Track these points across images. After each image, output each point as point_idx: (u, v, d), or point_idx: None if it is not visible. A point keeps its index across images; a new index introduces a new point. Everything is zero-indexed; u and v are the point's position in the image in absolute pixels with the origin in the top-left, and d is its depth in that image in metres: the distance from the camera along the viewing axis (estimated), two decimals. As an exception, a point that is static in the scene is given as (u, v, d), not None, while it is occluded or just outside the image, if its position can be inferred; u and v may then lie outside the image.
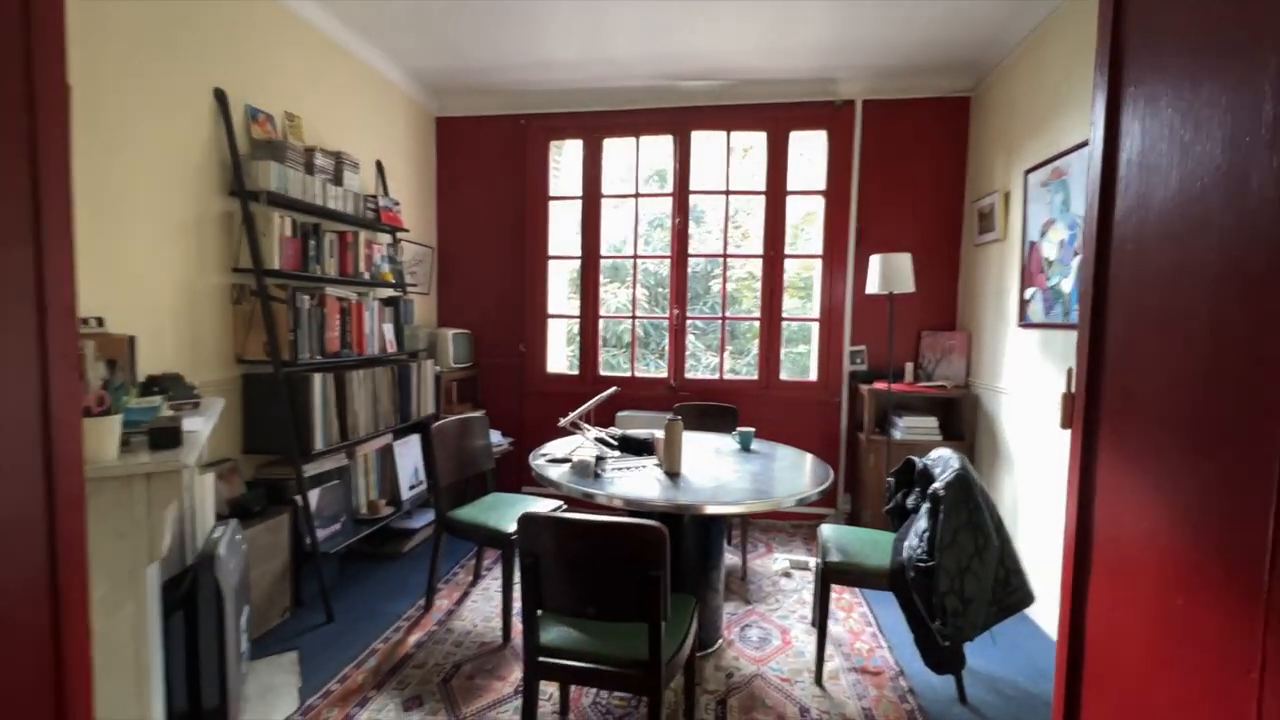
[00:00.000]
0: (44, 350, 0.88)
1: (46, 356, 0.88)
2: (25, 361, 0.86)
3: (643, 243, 4.22)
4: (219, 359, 2.44)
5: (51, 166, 0.89)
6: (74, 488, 0.93)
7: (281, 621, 2.47)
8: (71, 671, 0.94)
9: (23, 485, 0.86)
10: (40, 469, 0.88)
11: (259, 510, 2.38)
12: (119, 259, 2.02)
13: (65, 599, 0.91)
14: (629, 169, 3.92)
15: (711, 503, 1.87)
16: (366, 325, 2.99)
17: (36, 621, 0.88)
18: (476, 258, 4.10)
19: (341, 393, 2.72)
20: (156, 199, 2.15)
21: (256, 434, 2.54)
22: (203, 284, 2.35)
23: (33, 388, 0.87)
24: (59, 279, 0.91)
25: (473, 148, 4.05)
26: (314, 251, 2.68)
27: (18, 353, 0.85)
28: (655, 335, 5.48)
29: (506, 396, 4.09)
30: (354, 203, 2.97)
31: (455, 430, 2.66)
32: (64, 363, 0.92)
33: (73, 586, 0.92)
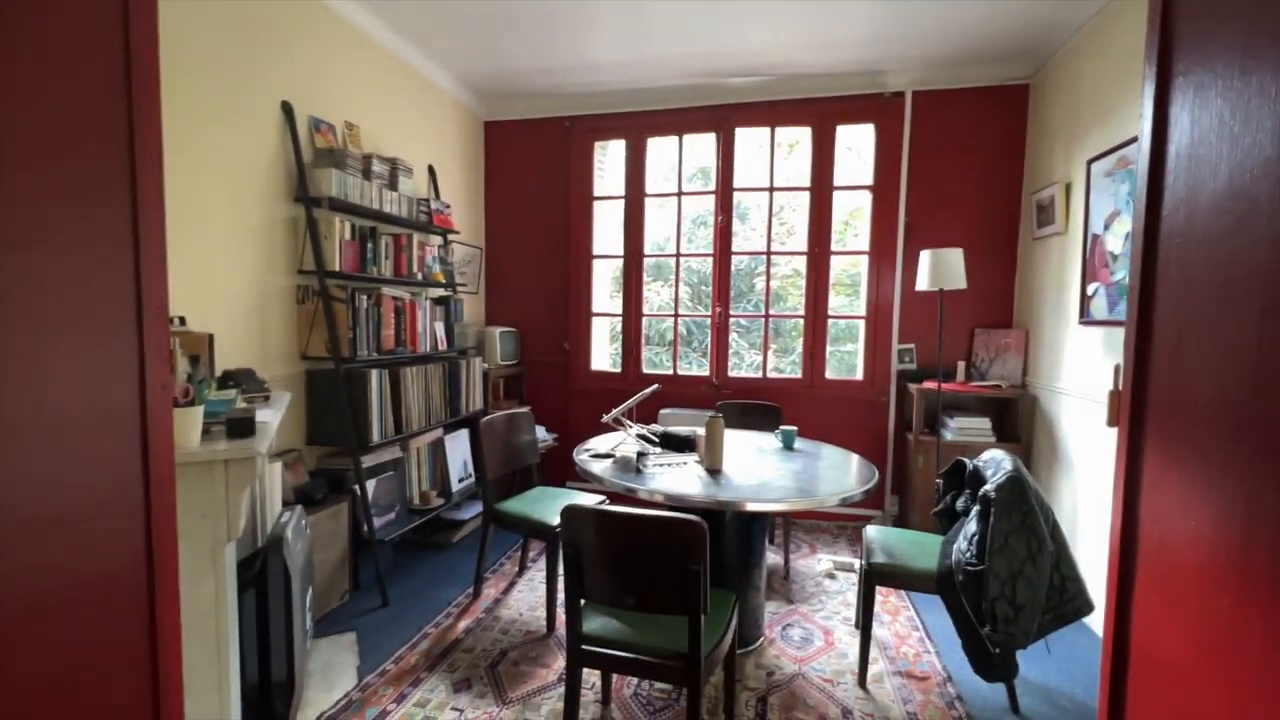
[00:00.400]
0: (141, 345, 0.98)
1: (143, 351, 0.98)
2: (127, 355, 0.96)
3: (685, 241, 4.23)
4: (285, 355, 2.60)
5: (147, 179, 0.99)
6: (166, 470, 1.02)
7: (341, 604, 2.62)
8: (165, 631, 1.04)
9: (125, 467, 0.95)
10: (139, 452, 0.98)
11: (321, 498, 2.53)
12: (197, 262, 2.18)
13: (159, 567, 1.01)
14: (671, 168, 3.93)
15: (753, 500, 1.87)
16: (419, 324, 3.12)
17: (136, 587, 0.98)
18: (523, 258, 4.20)
19: (396, 388, 2.85)
20: (229, 206, 2.31)
21: (319, 426, 2.69)
22: (271, 285, 2.51)
23: (132, 379, 0.97)
24: (153, 280, 1.00)
25: (519, 151, 4.16)
26: (371, 253, 2.82)
27: (121, 347, 0.95)
28: (698, 333, 5.48)
29: (551, 393, 4.18)
30: (408, 206, 3.10)
31: (502, 425, 2.75)
32: (158, 357, 1.02)
33: (165, 556, 1.02)
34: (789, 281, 5.22)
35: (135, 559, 0.97)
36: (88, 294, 0.90)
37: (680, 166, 3.87)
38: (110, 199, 0.93)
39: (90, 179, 0.91)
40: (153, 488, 0.99)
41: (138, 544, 0.97)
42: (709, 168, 3.92)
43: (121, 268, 0.94)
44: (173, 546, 1.05)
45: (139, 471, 0.97)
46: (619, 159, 4.05)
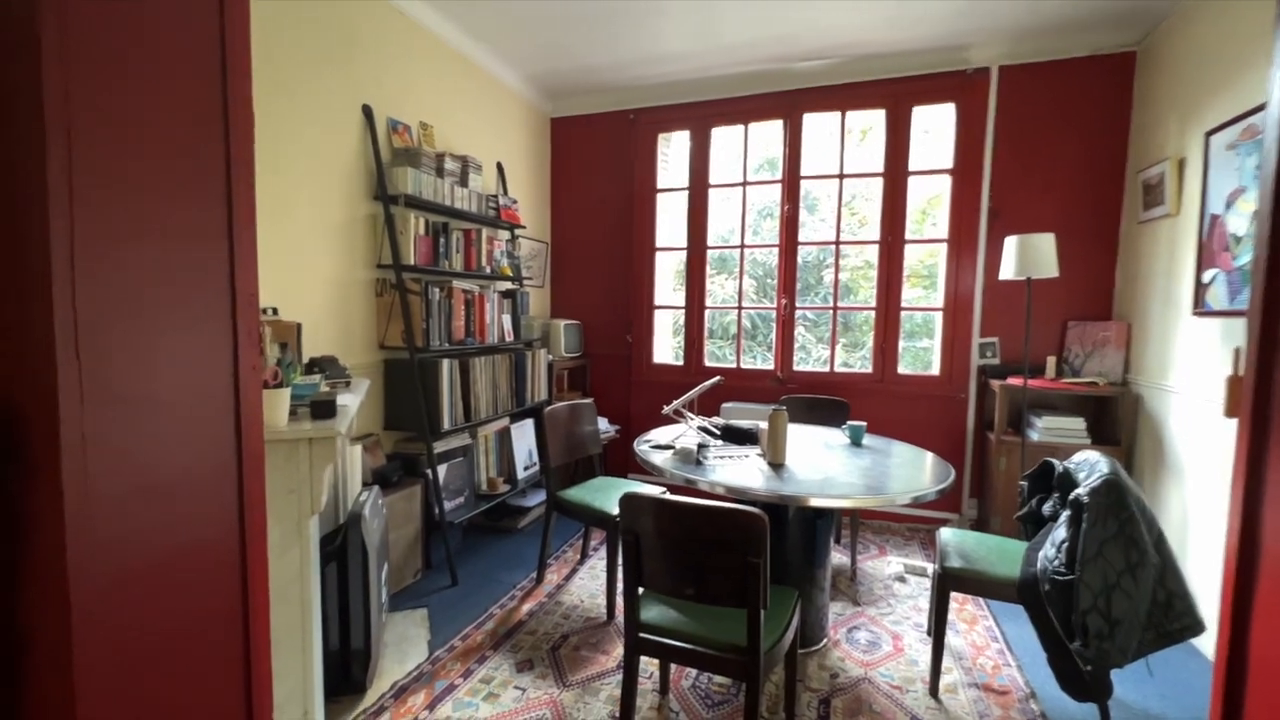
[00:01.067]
0: (235, 331, 1.06)
1: (236, 336, 1.06)
2: (223, 340, 1.04)
3: (750, 233, 4.14)
4: (365, 345, 2.76)
5: (241, 178, 1.07)
6: (256, 445, 1.11)
7: (414, 581, 2.75)
8: (255, 594, 1.12)
9: (221, 441, 1.04)
10: (233, 429, 1.06)
11: (396, 480, 2.67)
12: (286, 257, 2.35)
13: (250, 534, 1.10)
14: (737, 158, 3.86)
15: (817, 495, 1.81)
16: (488, 316, 3.23)
17: (230, 552, 1.06)
18: (587, 251, 4.26)
19: (466, 377, 2.97)
20: (316, 204, 2.47)
21: (395, 412, 2.84)
22: (352, 278, 2.67)
23: (227, 361, 1.05)
24: (246, 271, 1.08)
25: (584, 146, 4.21)
26: (443, 248, 2.94)
27: (217, 332, 1.03)
28: (763, 327, 5.37)
29: (614, 386, 4.22)
30: (477, 202, 3.21)
31: (565, 415, 2.80)
32: (249, 341, 1.09)
33: (255, 525, 1.10)
34: (859, 273, 5.01)
35: (229, 526, 1.05)
36: (189, 282, 0.98)
37: (745, 156, 3.80)
38: (209, 196, 1.01)
39: (194, 177, 0.98)
40: (245, 461, 1.07)
41: (232, 513, 1.05)
42: (775, 157, 3.82)
43: (218, 259, 1.02)
44: (262, 516, 1.14)
45: (233, 446, 1.05)
46: (683, 150, 4.02)
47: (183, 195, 0.98)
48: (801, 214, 3.73)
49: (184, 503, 0.99)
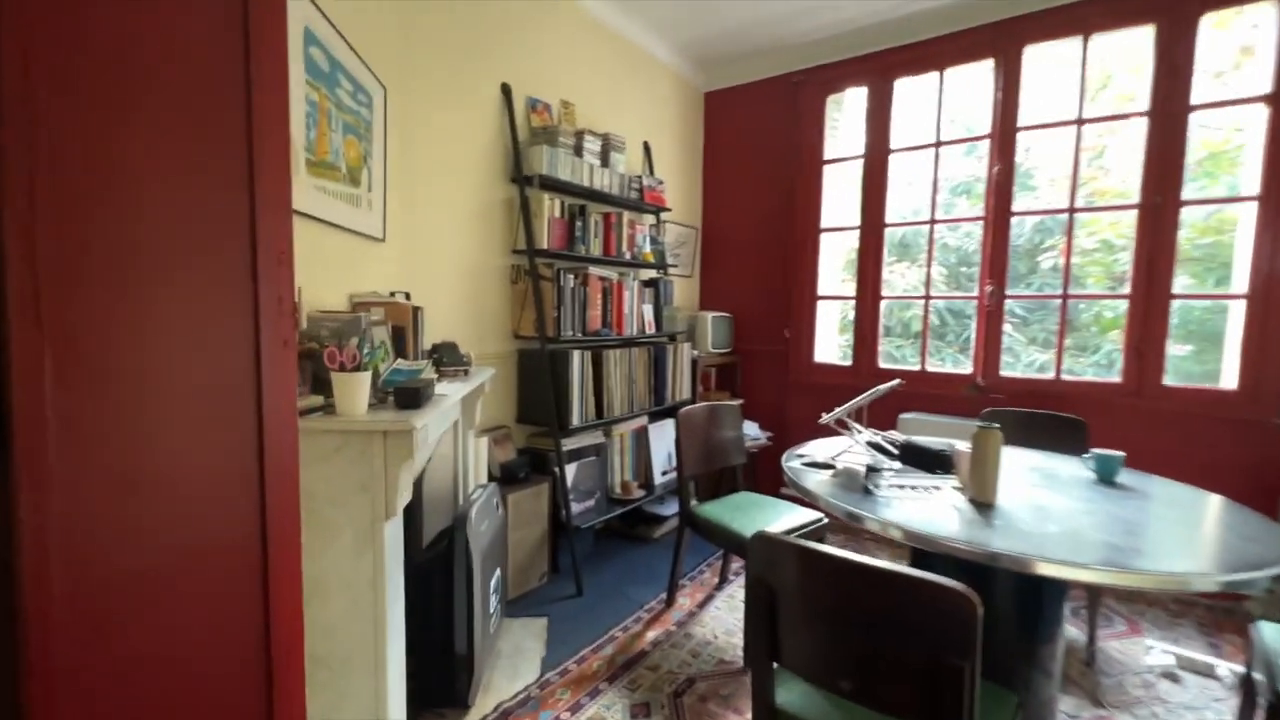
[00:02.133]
0: (256, 296, 0.86)
1: (258, 302, 0.86)
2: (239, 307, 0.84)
3: (942, 211, 3.38)
4: (499, 334, 2.66)
5: (266, 103, 0.86)
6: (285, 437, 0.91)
7: (539, 585, 2.59)
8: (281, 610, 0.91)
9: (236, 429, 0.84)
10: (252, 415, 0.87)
11: (524, 477, 2.52)
12: (420, 242, 2.30)
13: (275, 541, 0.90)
14: (924, 118, 3.15)
15: (1050, 560, 1.22)
16: (626, 305, 2.98)
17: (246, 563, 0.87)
18: (741, 236, 3.83)
19: (598, 370, 2.74)
20: (451, 188, 2.40)
21: (527, 405, 2.71)
22: (488, 264, 2.58)
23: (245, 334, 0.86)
24: (273, 222, 0.87)
25: (740, 119, 3.78)
26: (579, 232, 2.74)
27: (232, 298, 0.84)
28: (956, 323, 4.45)
29: (767, 387, 3.74)
30: (619, 183, 2.98)
31: (703, 417, 2.43)
32: (277, 310, 0.89)
33: (283, 530, 0.89)
34: (1091, 258, 3.89)
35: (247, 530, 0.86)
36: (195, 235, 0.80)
37: (940, 108, 3.08)
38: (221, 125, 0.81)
39: (199, 99, 0.79)
40: (268, 453, 0.87)
41: (250, 514, 0.86)
42: (977, 114, 3.04)
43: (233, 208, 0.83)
44: (294, 520, 0.94)
45: (253, 434, 0.86)
46: (856, 113, 3.41)
47: (184, 121, 0.80)
48: (1013, 185, 2.91)
49: (183, 501, 0.81)
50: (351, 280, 1.79)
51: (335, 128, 1.58)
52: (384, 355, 1.38)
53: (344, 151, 1.65)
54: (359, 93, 1.74)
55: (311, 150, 1.45)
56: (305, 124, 1.41)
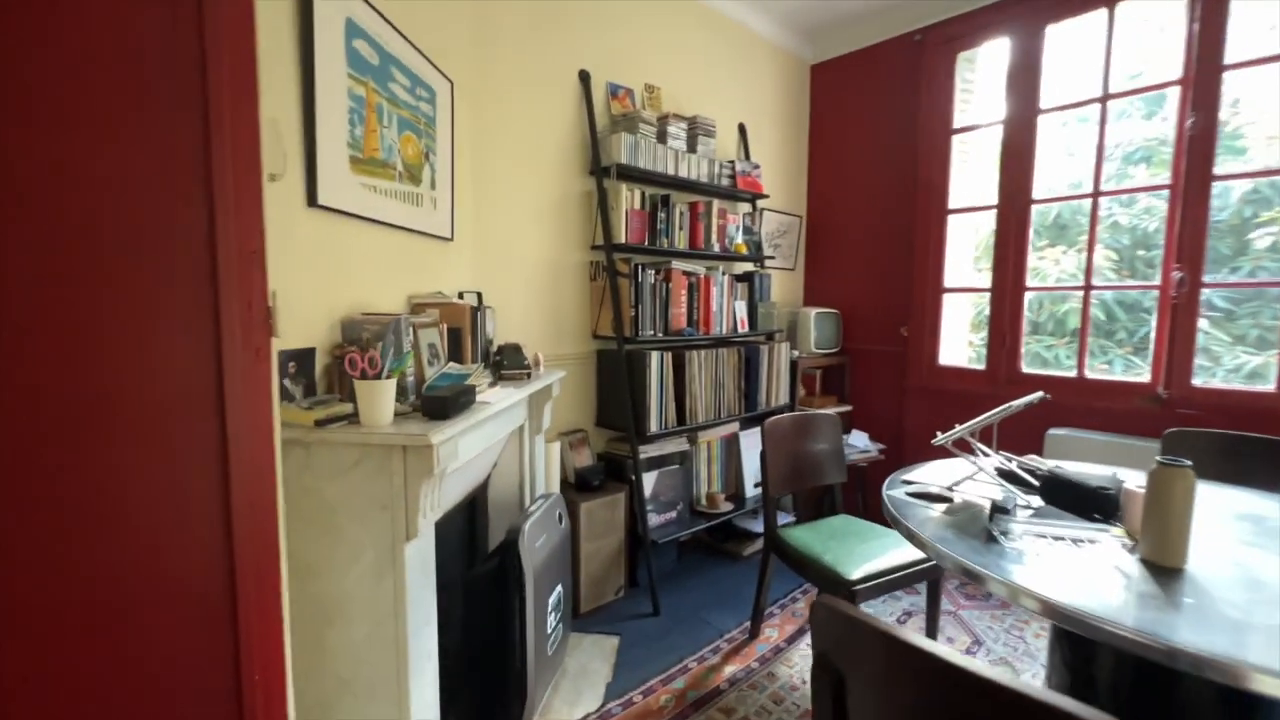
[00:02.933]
0: (216, 299, 0.76)
1: (219, 306, 0.77)
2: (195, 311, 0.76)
3: (1112, 185, 2.74)
4: (578, 333, 2.55)
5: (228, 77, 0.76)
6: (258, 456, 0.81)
7: (614, 599, 2.45)
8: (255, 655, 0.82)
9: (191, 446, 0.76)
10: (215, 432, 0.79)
11: (598, 484, 2.39)
12: (497, 241, 2.23)
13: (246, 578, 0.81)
14: (1087, 69, 2.56)
15: (1271, 672, 0.83)
16: (714, 302, 2.74)
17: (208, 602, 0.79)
18: (852, 223, 3.42)
19: (680, 374, 2.54)
20: (526, 183, 2.31)
21: (606, 409, 2.58)
22: (565, 261, 2.47)
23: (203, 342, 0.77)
24: (240, 217, 0.78)
25: (853, 91, 3.37)
26: (662, 224, 2.55)
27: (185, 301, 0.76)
28: (1129, 319, 3.65)
29: (881, 392, 3.31)
30: (708, 169, 2.74)
31: (789, 429, 2.14)
32: (247, 315, 0.79)
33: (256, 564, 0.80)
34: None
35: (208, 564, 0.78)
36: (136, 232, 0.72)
37: (1109, 53, 2.48)
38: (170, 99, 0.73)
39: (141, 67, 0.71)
40: (235, 474, 0.78)
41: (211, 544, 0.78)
42: (1159, 60, 2.41)
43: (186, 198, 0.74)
44: (273, 552, 0.85)
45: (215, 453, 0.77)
46: (994, 71, 2.88)
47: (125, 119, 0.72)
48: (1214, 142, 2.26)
49: (130, 533, 0.74)
50: (416, 281, 1.75)
51: (388, 124, 1.53)
52: (408, 361, 1.28)
53: (400, 148, 1.60)
54: (418, 87, 1.69)
55: (357, 147, 1.40)
56: (348, 120, 1.36)
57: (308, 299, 1.27)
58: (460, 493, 1.60)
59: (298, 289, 1.23)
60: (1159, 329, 2.41)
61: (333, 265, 1.34)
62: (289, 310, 1.20)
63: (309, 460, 1.12)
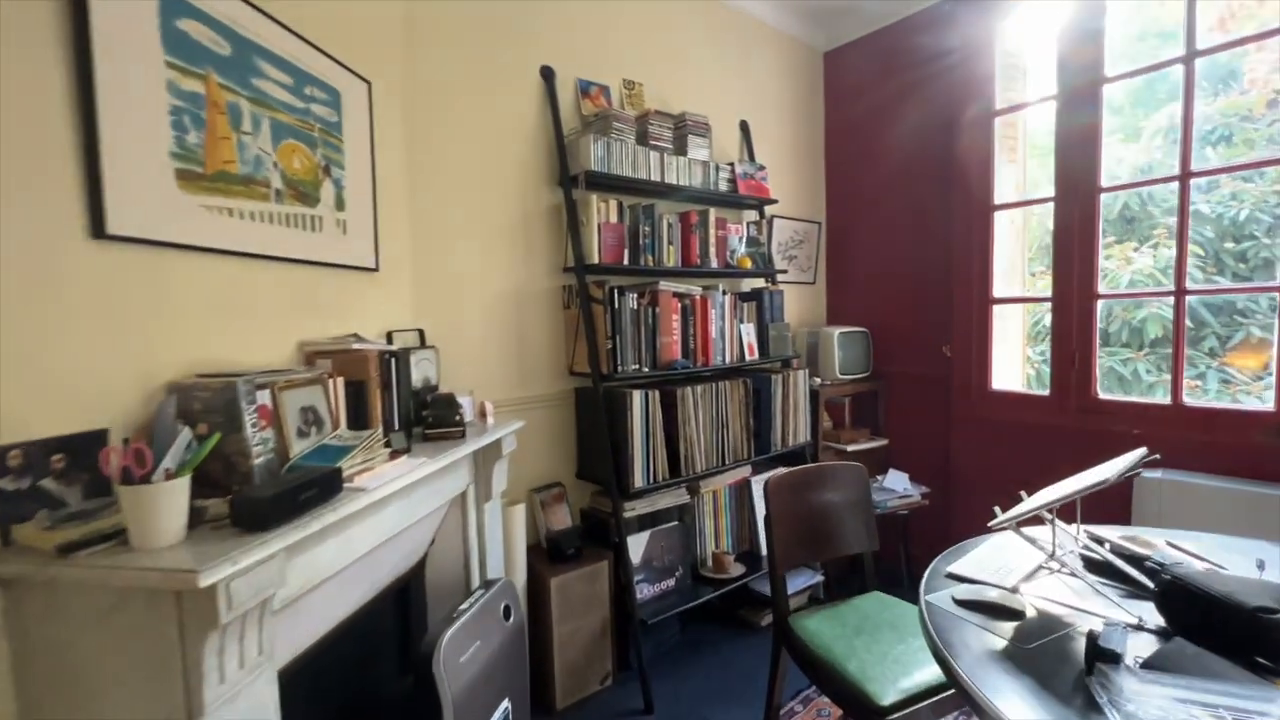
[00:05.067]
0: None
1: None
2: None
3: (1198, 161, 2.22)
4: (552, 370, 2.18)
5: None
6: None
7: (600, 689, 2.04)
8: None
9: None
10: None
11: (574, 552, 1.99)
12: (442, 268, 1.89)
13: None
14: (1165, 20, 2.08)
15: None
16: (713, 326, 2.33)
17: None
18: (879, 228, 2.96)
19: (671, 415, 2.13)
20: (480, 199, 1.97)
21: (586, 458, 2.19)
22: (532, 287, 2.11)
23: None
24: None
25: (874, 78, 2.93)
26: (646, 239, 2.17)
27: None
28: (1220, 326, 3.04)
29: (923, 422, 2.81)
30: (701, 174, 2.35)
31: (800, 485, 1.70)
32: None
33: None
34: None
35: None
36: None
37: (1192, 7, 1.99)
38: None
39: None
40: None
41: None
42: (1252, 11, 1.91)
43: None
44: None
45: None
46: (1043, 38, 2.41)
47: None
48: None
49: None
50: (320, 324, 1.41)
51: (252, 130, 1.20)
52: (309, 426, 0.93)
53: (279, 161, 1.27)
54: (310, 86, 1.37)
55: (193, 158, 1.07)
56: (171, 123, 1.03)
57: (101, 360, 0.93)
58: (357, 600, 1.24)
59: (74, 347, 0.89)
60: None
61: (147, 313, 1.01)
62: (50, 380, 0.86)
63: (52, 603, 0.78)
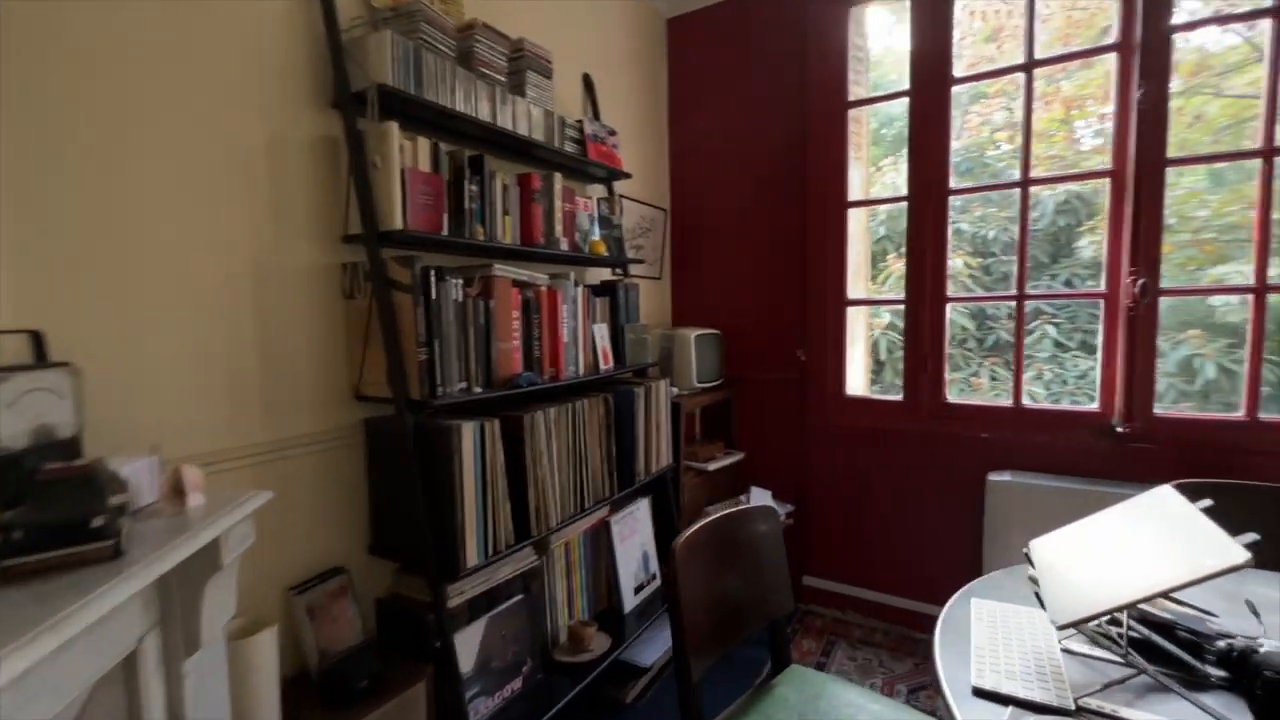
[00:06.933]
0: None
1: None
2: None
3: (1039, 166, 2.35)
4: (324, 395, 1.40)
5: None
6: None
7: None
8: None
9: None
10: None
11: (367, 684, 1.27)
12: (94, 229, 1.03)
13: None
14: (1009, 25, 2.11)
15: None
16: (564, 328, 1.77)
17: None
18: (729, 219, 2.70)
19: (517, 452, 1.52)
20: (177, 120, 1.14)
21: (385, 524, 1.46)
22: (285, 266, 1.33)
23: None
24: None
25: (722, 54, 2.65)
26: (474, 201, 1.53)
27: None
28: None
29: (778, 432, 2.60)
30: (543, 124, 1.78)
31: (714, 545, 1.24)
32: None
33: None
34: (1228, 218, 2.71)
35: None
36: None
37: (1030, 18, 2.02)
38: None
39: None
40: None
41: None
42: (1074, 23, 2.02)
43: None
44: None
45: None
46: (896, 30, 2.34)
47: None
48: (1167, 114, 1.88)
49: None
50: None
51: None
52: None
53: None
54: None
55: None
56: None
57: None
58: None
59: None
60: (1108, 346, 1.98)
61: None
62: None
63: None
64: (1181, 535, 0.82)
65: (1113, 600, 0.77)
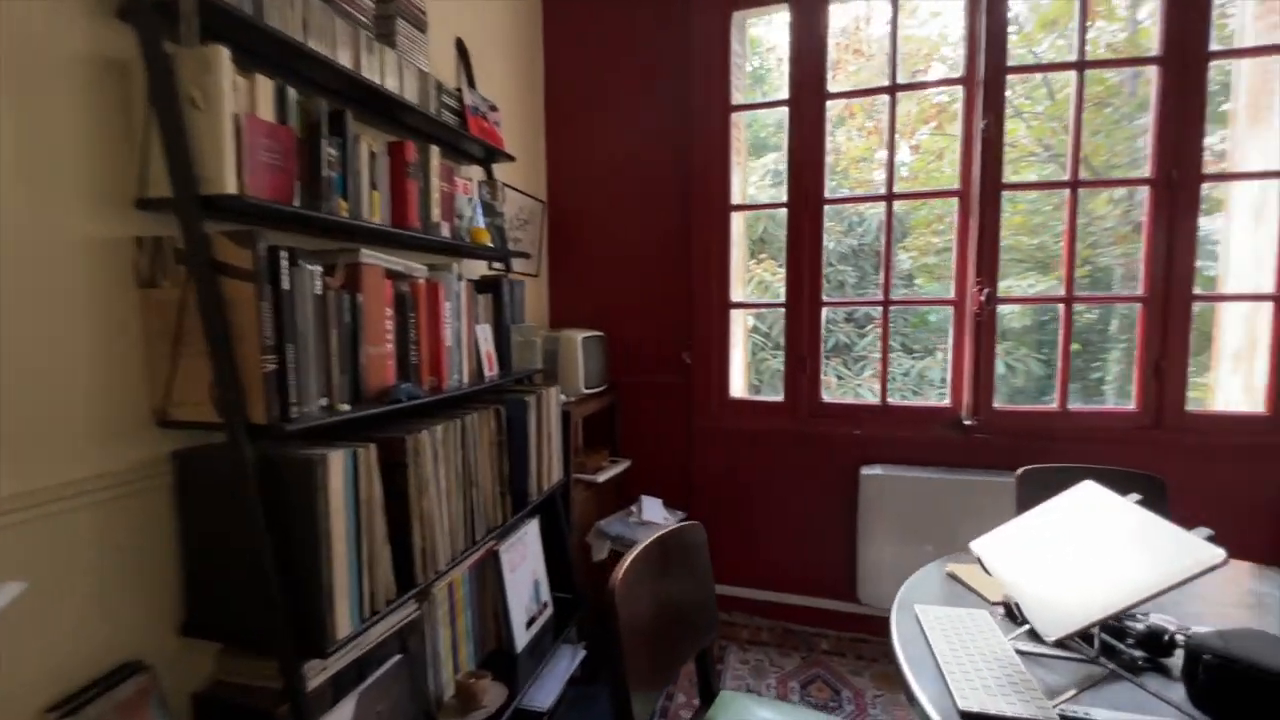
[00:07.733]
0: None
1: None
2: None
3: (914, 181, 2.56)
4: (109, 421, 0.99)
5: None
6: None
7: None
8: None
9: None
10: None
11: (192, 822, 0.91)
12: None
13: None
14: (881, 46, 2.26)
15: None
16: (447, 329, 1.50)
17: None
18: (610, 215, 2.57)
19: (398, 483, 1.23)
20: None
21: (206, 593, 1.09)
22: (39, 237, 0.91)
23: None
24: None
25: (605, 41, 2.52)
26: (333, 169, 1.21)
27: None
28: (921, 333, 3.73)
29: (663, 438, 2.54)
30: (417, 85, 1.49)
31: (654, 574, 1.11)
32: None
33: None
34: (1097, 245, 3.00)
35: None
36: None
37: (894, 42, 2.19)
38: None
39: None
40: None
41: None
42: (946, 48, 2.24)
43: None
44: None
45: None
46: (778, 39, 2.40)
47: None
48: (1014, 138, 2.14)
49: None
50: None
51: None
52: None
53: None
54: None
55: None
56: None
57: None
58: None
59: None
60: (956, 348, 2.21)
61: None
62: None
63: None
64: (1149, 537, 0.87)
65: (1103, 609, 0.78)
